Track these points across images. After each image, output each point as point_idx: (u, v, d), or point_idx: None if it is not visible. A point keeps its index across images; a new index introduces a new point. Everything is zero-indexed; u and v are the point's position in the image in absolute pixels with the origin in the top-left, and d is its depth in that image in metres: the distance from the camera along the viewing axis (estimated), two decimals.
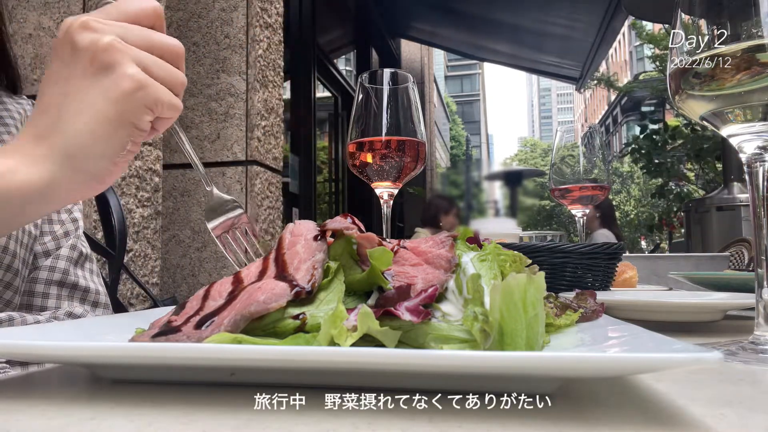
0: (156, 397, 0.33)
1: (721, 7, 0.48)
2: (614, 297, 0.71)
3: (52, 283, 0.78)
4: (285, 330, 0.37)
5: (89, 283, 0.82)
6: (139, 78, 0.49)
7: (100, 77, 0.49)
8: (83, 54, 0.49)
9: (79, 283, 0.80)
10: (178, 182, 2.27)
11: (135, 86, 0.49)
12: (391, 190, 0.88)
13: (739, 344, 0.50)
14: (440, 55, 37.18)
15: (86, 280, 0.82)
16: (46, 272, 0.78)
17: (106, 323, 0.49)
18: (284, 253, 0.43)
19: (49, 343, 0.34)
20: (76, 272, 0.81)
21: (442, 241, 0.45)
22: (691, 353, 0.29)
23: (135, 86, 0.49)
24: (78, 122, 0.49)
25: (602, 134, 1.25)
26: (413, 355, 0.30)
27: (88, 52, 0.48)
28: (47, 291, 0.78)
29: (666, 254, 7.12)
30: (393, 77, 0.88)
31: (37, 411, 0.31)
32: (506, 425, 0.28)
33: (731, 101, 0.47)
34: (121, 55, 0.48)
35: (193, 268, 2.23)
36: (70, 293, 0.79)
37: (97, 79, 0.49)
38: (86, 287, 0.81)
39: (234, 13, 2.28)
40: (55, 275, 0.79)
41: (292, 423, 0.29)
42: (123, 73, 0.48)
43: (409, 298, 0.37)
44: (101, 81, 0.48)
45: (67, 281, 0.79)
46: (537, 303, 0.34)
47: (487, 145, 60.25)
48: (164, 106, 0.51)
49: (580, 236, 1.15)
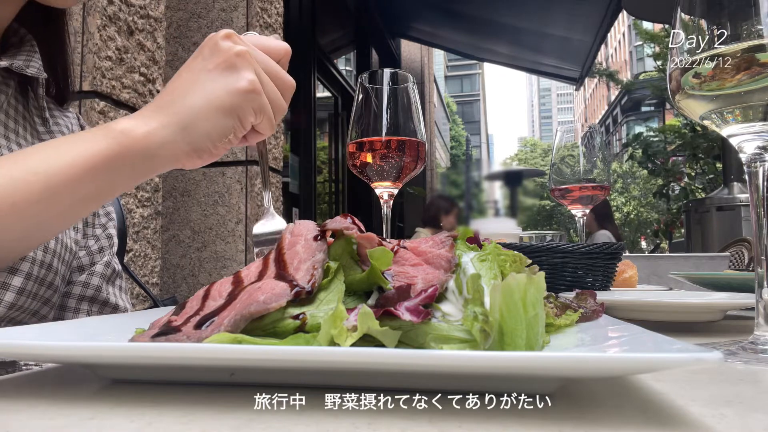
0: (156, 397, 0.33)
1: (721, 7, 0.48)
2: (614, 297, 0.71)
3: (84, 299, 0.80)
4: (285, 330, 0.36)
5: (118, 300, 0.85)
6: (255, 84, 0.59)
7: (226, 74, 0.58)
8: (220, 54, 0.59)
9: (109, 300, 0.83)
10: (178, 182, 2.27)
11: (250, 88, 0.58)
12: (391, 190, 0.88)
13: (739, 344, 0.50)
14: (440, 55, 37.18)
15: (116, 297, 0.85)
16: (80, 287, 0.80)
17: (106, 323, 0.49)
18: (284, 253, 0.43)
19: (49, 343, 0.34)
20: (107, 289, 0.83)
21: (442, 241, 0.45)
22: (691, 353, 0.29)
23: (250, 88, 0.58)
24: (197, 102, 0.58)
25: (602, 134, 1.25)
26: (413, 355, 0.30)
27: (223, 53, 0.58)
28: (79, 306, 0.80)
29: (666, 254, 7.11)
30: (393, 77, 0.87)
31: (37, 411, 0.31)
32: (506, 425, 0.28)
33: (731, 101, 0.47)
34: (247, 63, 0.59)
35: (193, 268, 2.22)
36: (100, 309, 0.82)
37: (223, 74, 0.58)
38: (116, 304, 0.84)
39: (234, 13, 2.29)
40: (88, 291, 0.81)
41: (292, 423, 0.29)
42: (245, 75, 0.58)
43: (409, 298, 0.37)
44: (226, 77, 0.58)
45: (98, 298, 0.82)
46: (537, 303, 0.34)
47: (487, 145, 60.26)
48: (266, 118, 0.61)
49: (580, 236, 1.15)
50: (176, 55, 2.29)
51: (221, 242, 2.20)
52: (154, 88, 1.84)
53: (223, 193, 2.22)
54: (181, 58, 2.28)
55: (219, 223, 2.21)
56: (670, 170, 8.73)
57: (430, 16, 7.46)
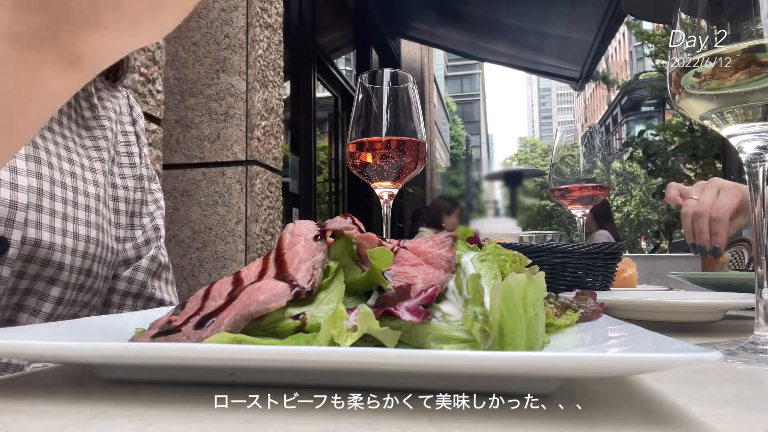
0: (156, 397, 0.33)
1: (721, 7, 0.48)
2: (614, 297, 0.71)
3: (129, 295, 0.77)
4: (285, 330, 0.36)
5: (164, 295, 0.81)
6: None
7: None
8: None
9: (155, 295, 0.79)
10: (178, 182, 2.27)
11: None
12: (391, 190, 0.88)
13: (739, 344, 0.50)
14: (440, 55, 37.19)
15: (162, 291, 0.81)
16: (125, 283, 0.77)
17: (106, 323, 0.49)
18: (284, 253, 0.43)
19: (49, 343, 0.34)
20: (153, 284, 0.80)
21: (442, 241, 0.45)
22: (691, 353, 0.29)
23: None
24: None
25: (602, 134, 1.25)
26: (413, 355, 0.30)
27: None
28: (123, 302, 0.77)
29: (666, 254, 7.11)
30: (393, 77, 0.87)
31: (38, 411, 0.31)
32: (506, 425, 0.28)
33: (731, 101, 0.47)
34: None
35: (193, 268, 2.22)
36: (145, 304, 0.79)
37: None
38: (161, 299, 0.80)
39: (234, 13, 2.28)
40: (133, 287, 0.77)
41: (292, 423, 0.29)
42: None
43: (409, 298, 0.37)
44: None
45: (143, 294, 0.78)
46: (537, 303, 0.34)
47: (487, 145, 60.24)
48: None
49: (580, 236, 1.15)
50: (176, 55, 2.29)
51: (221, 242, 2.20)
52: (154, 88, 1.84)
53: (223, 193, 2.22)
54: (181, 58, 2.28)
55: (219, 223, 2.21)
56: (669, 170, 8.72)
57: (430, 16, 7.46)
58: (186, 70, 2.28)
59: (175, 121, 2.27)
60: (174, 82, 2.28)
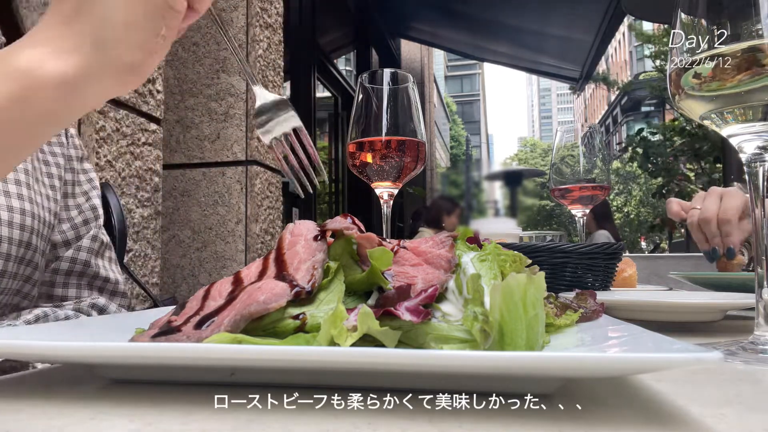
0: (156, 397, 0.33)
1: (721, 7, 0.48)
2: (614, 297, 0.71)
3: (72, 274, 0.78)
4: (285, 330, 0.37)
5: (109, 273, 0.82)
6: None
7: None
8: None
9: (99, 273, 0.81)
10: (178, 182, 2.27)
11: None
12: (391, 190, 0.88)
13: (739, 344, 0.50)
14: (440, 55, 37.19)
15: (106, 269, 0.82)
16: (68, 263, 0.78)
17: (106, 323, 0.49)
18: (284, 253, 0.43)
19: (49, 343, 0.35)
20: (96, 263, 0.81)
21: (442, 241, 0.45)
22: (691, 353, 0.29)
23: None
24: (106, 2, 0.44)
25: (602, 134, 1.25)
26: (413, 355, 0.30)
27: None
28: (67, 281, 0.78)
29: (666, 254, 7.11)
30: (393, 77, 0.87)
31: (38, 411, 0.31)
32: (506, 425, 0.28)
33: (731, 101, 0.47)
34: None
35: (193, 268, 2.22)
36: (89, 283, 0.80)
37: None
38: (106, 277, 0.81)
39: (234, 13, 2.28)
40: (76, 267, 0.79)
41: (292, 423, 0.29)
42: None
43: (409, 298, 0.37)
44: None
45: (87, 272, 0.80)
46: (537, 303, 0.34)
47: (487, 145, 60.24)
48: None
49: (580, 236, 1.15)
50: (176, 55, 2.29)
51: (221, 242, 2.20)
52: (154, 88, 1.83)
53: (223, 193, 2.22)
54: (181, 58, 2.28)
55: (219, 223, 2.21)
56: (669, 170, 8.72)
57: (430, 16, 7.46)
58: (186, 69, 2.28)
59: (175, 121, 2.27)
60: (174, 82, 2.28)
